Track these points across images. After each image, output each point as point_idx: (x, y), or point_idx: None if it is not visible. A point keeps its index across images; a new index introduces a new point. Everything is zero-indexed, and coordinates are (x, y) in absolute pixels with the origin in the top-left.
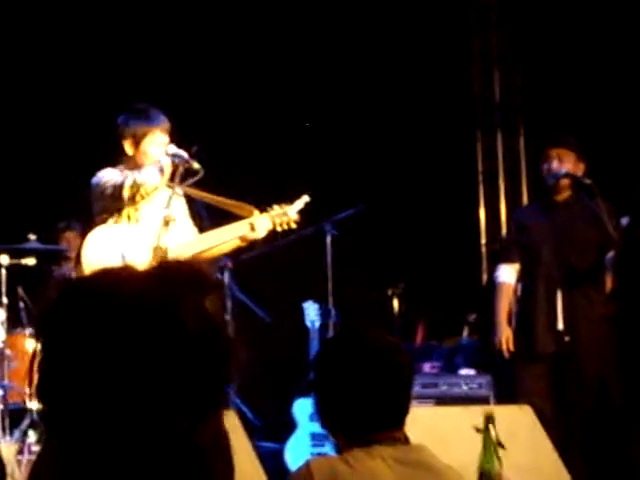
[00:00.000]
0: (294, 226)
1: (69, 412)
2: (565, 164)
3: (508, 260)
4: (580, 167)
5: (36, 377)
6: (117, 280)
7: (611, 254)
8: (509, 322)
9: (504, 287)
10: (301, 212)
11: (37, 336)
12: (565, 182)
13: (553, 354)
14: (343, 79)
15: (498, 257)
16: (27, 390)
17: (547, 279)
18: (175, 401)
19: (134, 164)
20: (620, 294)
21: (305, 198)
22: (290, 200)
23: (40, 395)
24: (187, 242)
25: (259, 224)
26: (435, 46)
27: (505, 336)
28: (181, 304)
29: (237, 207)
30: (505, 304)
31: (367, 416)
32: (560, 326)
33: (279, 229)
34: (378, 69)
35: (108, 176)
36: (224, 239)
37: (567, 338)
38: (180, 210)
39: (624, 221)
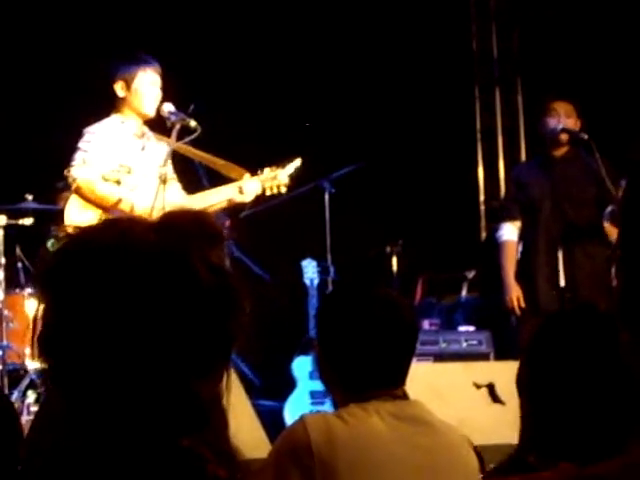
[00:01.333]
0: (283, 190)
1: (76, 364)
2: (570, 119)
3: (509, 218)
4: (578, 124)
5: (39, 330)
6: (125, 230)
7: (610, 209)
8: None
9: (508, 245)
10: (294, 175)
11: (41, 289)
12: (563, 137)
13: (555, 311)
14: (342, 36)
15: (499, 216)
16: (27, 351)
17: (547, 236)
18: (185, 354)
19: (128, 106)
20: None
21: (297, 162)
22: (283, 162)
23: (44, 348)
24: (174, 203)
25: (247, 188)
26: (433, 3)
27: (515, 294)
28: (191, 254)
29: (229, 168)
30: (512, 262)
31: (368, 371)
32: (562, 282)
33: (268, 193)
34: (377, 26)
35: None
36: (212, 202)
37: (568, 295)
38: (171, 168)
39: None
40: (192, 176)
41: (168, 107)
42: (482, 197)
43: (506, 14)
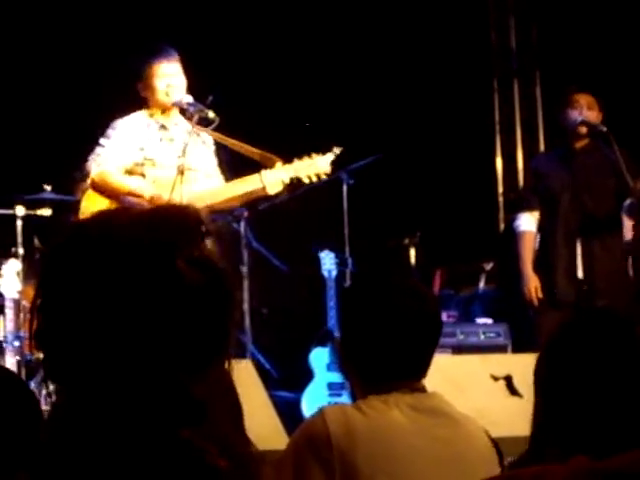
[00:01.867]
0: (324, 177)
1: (66, 357)
2: (591, 111)
3: (528, 208)
4: (600, 116)
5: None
6: (112, 224)
7: (628, 201)
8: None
9: (526, 235)
10: (333, 163)
11: (37, 282)
12: (582, 129)
13: (573, 303)
14: (362, 28)
15: (517, 206)
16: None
17: (566, 227)
18: (175, 348)
19: (152, 104)
20: None
21: (337, 150)
22: (322, 150)
23: (38, 342)
24: (199, 193)
25: (270, 178)
26: None
27: (533, 285)
28: (177, 250)
29: (261, 156)
30: (529, 252)
31: (390, 363)
32: (580, 274)
33: (306, 180)
34: (397, 19)
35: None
36: (233, 193)
37: (585, 287)
38: (206, 159)
39: None
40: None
41: (187, 98)
42: (500, 189)
43: (524, 6)
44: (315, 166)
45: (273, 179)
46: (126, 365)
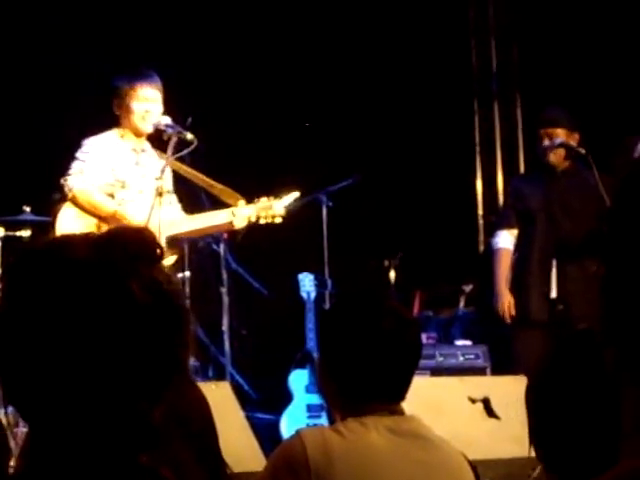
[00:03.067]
0: (278, 221)
1: (21, 381)
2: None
3: (506, 226)
4: (574, 137)
5: None
6: (65, 247)
7: None
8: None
9: (503, 252)
10: (290, 208)
11: None
12: (561, 152)
13: (547, 323)
14: (340, 49)
15: (496, 223)
16: None
17: (541, 247)
18: (124, 371)
19: (124, 125)
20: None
21: (294, 195)
22: (280, 194)
23: None
24: (170, 221)
25: (240, 214)
26: (432, 17)
27: (507, 302)
28: (128, 272)
29: (225, 193)
30: (504, 270)
31: (370, 385)
32: (553, 294)
33: (262, 221)
34: (375, 40)
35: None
36: (205, 224)
37: (560, 307)
38: (169, 182)
39: None
40: (193, 198)
41: (165, 120)
42: (480, 210)
43: (505, 28)
44: (272, 209)
45: (241, 215)
46: (79, 387)
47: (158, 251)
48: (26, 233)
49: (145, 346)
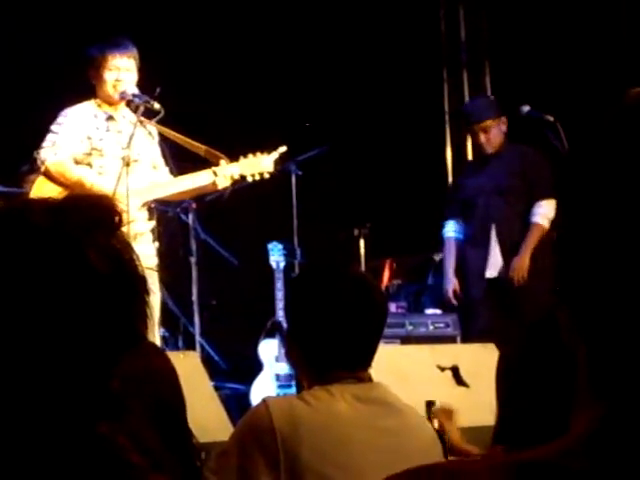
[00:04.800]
0: (267, 176)
1: None
2: (491, 133)
3: (451, 215)
4: (504, 121)
5: None
6: (21, 212)
7: None
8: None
9: (450, 241)
10: (278, 162)
11: None
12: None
13: (484, 300)
14: (309, 17)
15: (444, 214)
16: None
17: (479, 229)
18: (84, 341)
19: (99, 94)
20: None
21: (282, 149)
22: (268, 149)
23: None
24: (150, 186)
25: (222, 173)
26: None
27: (452, 287)
28: (86, 239)
29: (208, 153)
30: (451, 257)
31: (336, 352)
32: (489, 274)
33: (250, 179)
34: (345, 9)
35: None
36: (186, 187)
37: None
38: (152, 151)
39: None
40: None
41: (131, 89)
42: (450, 179)
43: None
44: (259, 165)
45: (223, 175)
46: (35, 356)
47: (117, 219)
48: None
49: (101, 315)
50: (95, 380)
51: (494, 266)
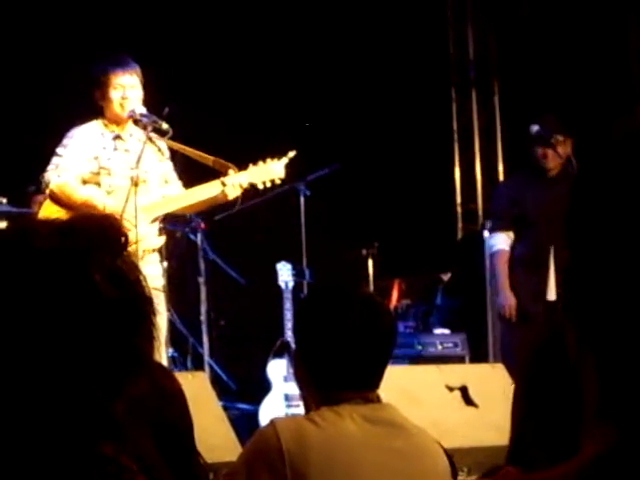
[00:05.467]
0: (278, 182)
1: None
2: (559, 150)
3: (502, 228)
4: (571, 143)
5: None
6: (27, 231)
7: None
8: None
9: (502, 254)
10: (287, 167)
11: None
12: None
13: (543, 323)
14: (318, 38)
15: (492, 226)
16: None
17: (540, 250)
18: (89, 363)
19: (107, 114)
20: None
21: (291, 154)
22: (277, 155)
23: None
24: (160, 201)
25: (230, 183)
26: (410, 6)
27: (512, 302)
28: (91, 261)
29: (217, 163)
30: (506, 270)
31: (344, 373)
32: (551, 297)
33: (261, 186)
34: (354, 29)
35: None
36: (196, 199)
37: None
38: (162, 167)
39: None
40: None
41: (140, 109)
42: (459, 199)
43: (482, 17)
44: (270, 171)
45: (232, 184)
46: (40, 377)
47: (123, 240)
48: (2, 224)
49: (106, 336)
50: (100, 401)
51: (552, 289)
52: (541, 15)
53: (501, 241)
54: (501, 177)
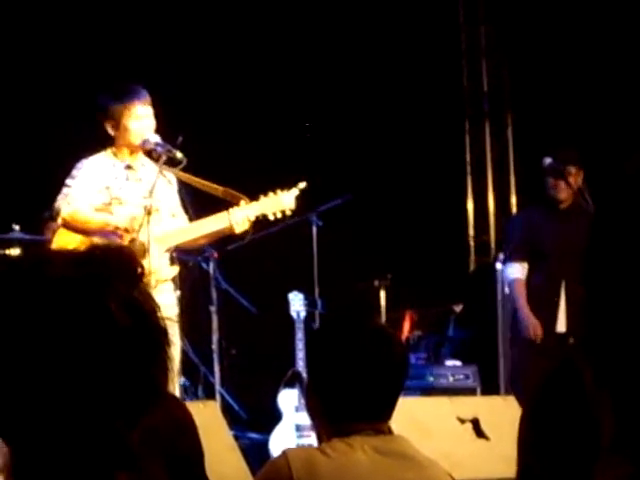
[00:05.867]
0: (289, 213)
1: None
2: (572, 181)
3: (519, 258)
4: (583, 175)
5: None
6: (43, 261)
7: None
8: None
9: (519, 283)
10: (298, 199)
11: None
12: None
13: (553, 355)
14: (334, 69)
15: (508, 256)
16: None
17: (552, 283)
18: (104, 394)
19: (120, 144)
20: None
21: (301, 185)
22: (287, 186)
23: None
24: (167, 233)
25: (236, 217)
26: (425, 40)
27: (534, 322)
28: (107, 291)
29: (225, 193)
30: (524, 295)
31: (355, 405)
32: (561, 328)
33: (272, 217)
34: (370, 61)
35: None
36: (202, 232)
37: (571, 340)
38: (170, 199)
39: None
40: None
41: (154, 138)
42: (471, 231)
43: (496, 50)
44: (280, 202)
45: (240, 217)
46: (55, 407)
47: (138, 270)
48: (15, 251)
49: (122, 367)
50: (117, 431)
51: (563, 322)
52: (555, 48)
53: (517, 270)
54: (514, 209)
